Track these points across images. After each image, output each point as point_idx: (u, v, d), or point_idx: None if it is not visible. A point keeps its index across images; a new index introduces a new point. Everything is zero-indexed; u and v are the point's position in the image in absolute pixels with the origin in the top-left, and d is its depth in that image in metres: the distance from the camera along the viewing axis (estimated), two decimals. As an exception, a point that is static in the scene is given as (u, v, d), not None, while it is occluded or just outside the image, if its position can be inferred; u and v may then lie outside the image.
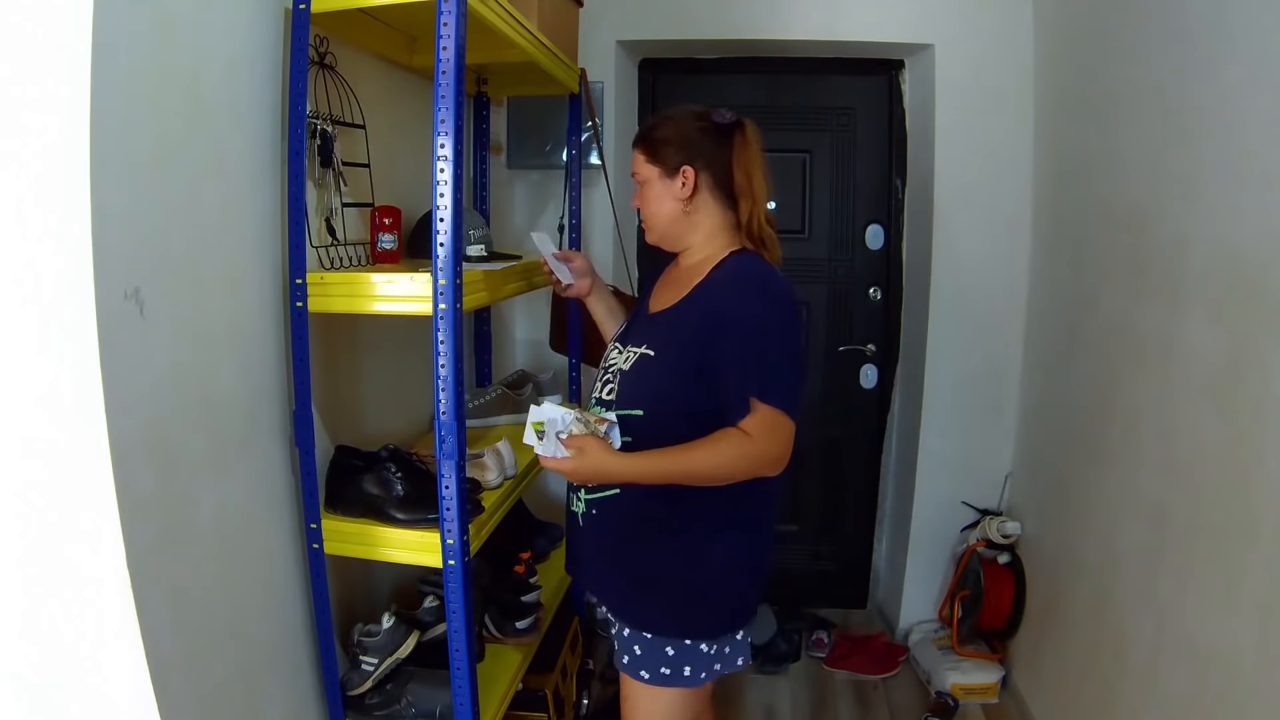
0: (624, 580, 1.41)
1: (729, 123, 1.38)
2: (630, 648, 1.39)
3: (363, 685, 1.52)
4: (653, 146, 1.40)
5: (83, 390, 1.01)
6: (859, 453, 2.88)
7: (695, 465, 1.27)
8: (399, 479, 1.46)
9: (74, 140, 0.98)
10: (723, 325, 1.28)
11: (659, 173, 1.39)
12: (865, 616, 2.93)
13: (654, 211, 1.42)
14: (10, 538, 1.06)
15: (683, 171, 1.37)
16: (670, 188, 1.38)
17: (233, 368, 1.31)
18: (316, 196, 1.48)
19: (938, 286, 2.50)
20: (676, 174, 1.38)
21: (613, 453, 1.30)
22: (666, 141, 1.39)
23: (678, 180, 1.38)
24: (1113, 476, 1.87)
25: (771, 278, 1.35)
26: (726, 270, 1.36)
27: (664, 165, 1.38)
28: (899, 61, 2.64)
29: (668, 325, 1.37)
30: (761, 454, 1.26)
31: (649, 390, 1.33)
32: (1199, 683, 1.49)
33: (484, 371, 2.30)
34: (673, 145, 1.38)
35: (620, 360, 1.39)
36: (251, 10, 1.33)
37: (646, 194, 1.42)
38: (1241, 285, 1.43)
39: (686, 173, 1.37)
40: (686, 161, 1.37)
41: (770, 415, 1.25)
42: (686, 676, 1.37)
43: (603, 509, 1.39)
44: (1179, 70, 1.63)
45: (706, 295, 1.34)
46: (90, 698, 1.10)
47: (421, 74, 1.86)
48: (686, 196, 1.38)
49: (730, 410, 1.27)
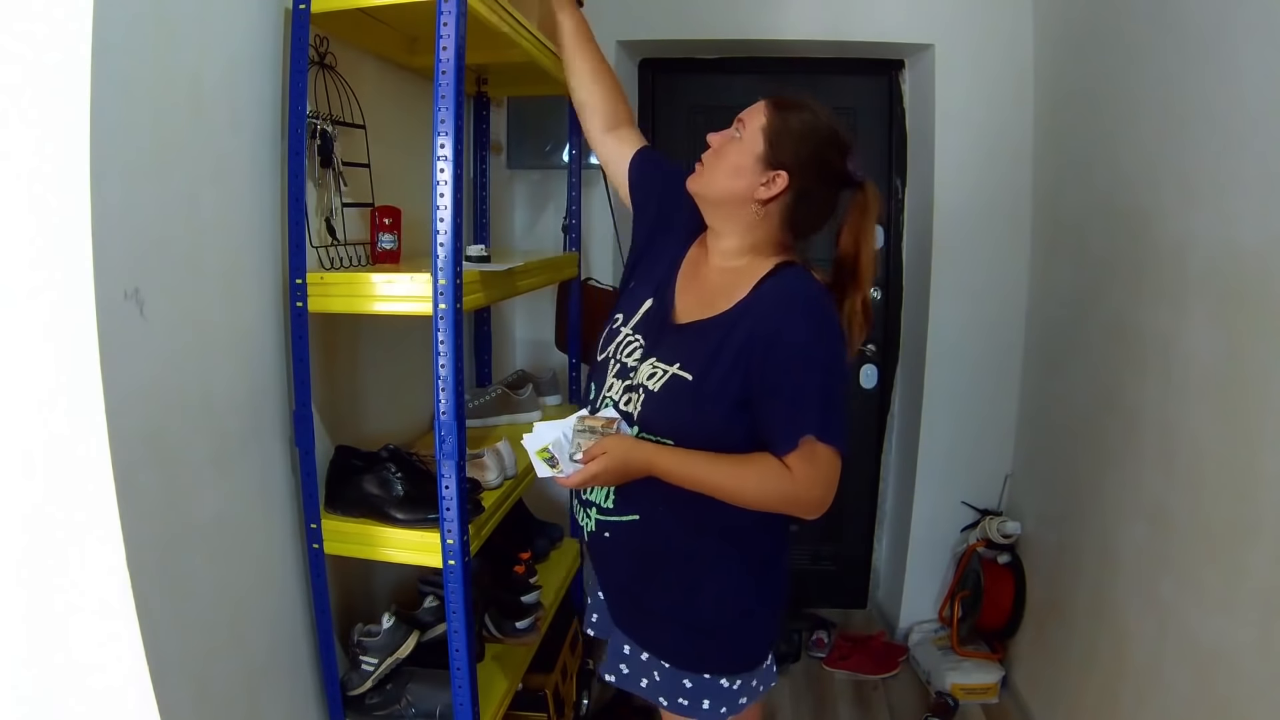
0: (636, 608, 1.33)
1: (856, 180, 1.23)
2: (650, 673, 1.32)
3: (363, 685, 1.52)
4: (780, 125, 1.20)
5: (83, 390, 1.00)
6: (859, 453, 2.88)
7: (729, 479, 1.16)
8: (399, 479, 1.45)
9: (74, 140, 0.97)
10: (776, 349, 1.15)
11: (761, 153, 1.20)
12: (865, 616, 2.93)
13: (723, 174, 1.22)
14: (10, 537, 1.06)
15: (778, 174, 1.20)
16: (756, 173, 1.20)
17: (233, 368, 1.31)
18: (316, 196, 1.48)
19: (938, 287, 2.50)
20: (771, 168, 1.20)
21: (639, 441, 1.19)
22: (794, 134, 1.20)
23: (768, 175, 1.20)
24: (1113, 476, 1.87)
25: (826, 303, 1.21)
26: (778, 287, 1.21)
27: (772, 150, 1.19)
28: (899, 61, 2.64)
29: (704, 343, 1.20)
30: (801, 494, 1.15)
31: (683, 419, 1.19)
32: (1199, 682, 1.49)
33: (484, 372, 2.29)
34: (795, 143, 1.19)
35: (644, 373, 1.22)
36: (251, 10, 1.33)
37: (729, 152, 1.22)
38: (1242, 285, 1.43)
39: (780, 179, 1.20)
40: (789, 167, 1.19)
41: (825, 455, 1.14)
42: (706, 710, 1.28)
43: (616, 534, 1.28)
44: (1179, 70, 1.63)
45: (755, 313, 1.19)
46: (90, 698, 1.09)
47: (421, 74, 1.86)
48: (762, 198, 1.21)
49: (774, 444, 1.16)
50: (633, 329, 1.30)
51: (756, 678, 1.33)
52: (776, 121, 1.21)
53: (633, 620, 1.34)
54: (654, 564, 1.27)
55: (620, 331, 1.31)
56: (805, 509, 1.18)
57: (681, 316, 1.27)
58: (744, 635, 1.30)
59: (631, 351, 1.27)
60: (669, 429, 1.19)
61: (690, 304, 1.27)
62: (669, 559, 1.26)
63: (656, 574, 1.28)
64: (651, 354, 1.24)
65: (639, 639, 1.33)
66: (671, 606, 1.28)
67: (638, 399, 1.22)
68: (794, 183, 1.20)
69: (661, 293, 1.31)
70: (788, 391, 1.15)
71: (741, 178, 1.21)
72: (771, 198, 1.21)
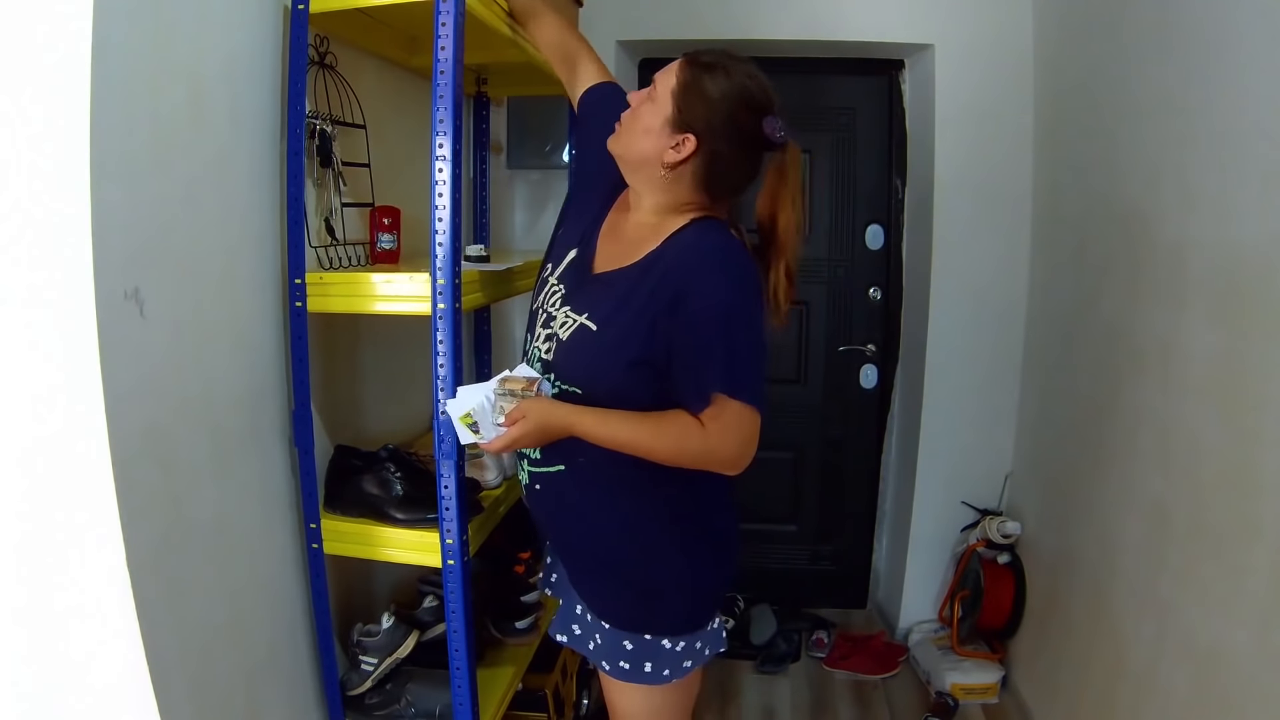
0: (575, 564, 1.32)
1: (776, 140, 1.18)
2: (592, 635, 1.31)
3: (362, 685, 1.52)
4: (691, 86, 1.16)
5: (83, 390, 1.01)
6: (859, 453, 2.88)
7: (646, 437, 1.15)
8: (398, 479, 1.46)
9: (74, 140, 0.98)
10: (684, 304, 1.13)
11: (670, 115, 1.17)
12: (865, 616, 2.93)
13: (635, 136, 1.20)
14: (11, 538, 1.06)
15: (685, 138, 1.16)
16: (665, 136, 1.17)
17: (232, 368, 1.31)
18: (316, 196, 1.48)
19: (938, 286, 2.50)
20: (678, 131, 1.17)
21: (556, 403, 1.19)
22: (705, 96, 1.16)
23: (676, 138, 1.17)
24: (1113, 476, 1.87)
25: (736, 254, 1.18)
26: (686, 241, 1.18)
27: (680, 113, 1.16)
28: (899, 61, 2.64)
29: (611, 295, 1.19)
30: (715, 450, 1.14)
31: (587, 369, 1.19)
32: (1199, 682, 1.49)
33: (484, 372, 2.29)
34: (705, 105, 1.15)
35: (559, 321, 1.22)
36: (251, 10, 1.33)
37: (642, 114, 1.19)
38: (1241, 285, 1.43)
39: (688, 142, 1.16)
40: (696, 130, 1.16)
41: (736, 412, 1.12)
42: (648, 673, 1.26)
43: (546, 485, 1.27)
44: (1179, 70, 1.63)
45: (661, 265, 1.17)
46: (90, 698, 1.10)
47: (421, 74, 1.86)
48: (670, 162, 1.18)
49: (687, 402, 1.15)
50: (557, 278, 1.29)
51: (700, 639, 1.29)
52: (688, 82, 1.16)
53: (575, 577, 1.33)
54: (581, 516, 1.27)
55: (548, 281, 1.30)
56: (722, 465, 1.17)
57: (599, 267, 1.26)
58: (682, 594, 1.27)
59: (554, 300, 1.26)
60: (576, 378, 1.20)
61: (608, 255, 1.26)
62: (596, 512, 1.26)
63: (585, 527, 1.27)
64: (567, 303, 1.24)
65: (582, 595, 1.32)
66: (604, 562, 1.28)
67: (553, 347, 1.22)
68: (703, 146, 1.16)
69: (585, 241, 1.29)
70: (696, 348, 1.14)
71: (651, 140, 1.18)
72: (679, 161, 1.17)
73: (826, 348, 2.81)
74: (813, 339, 2.81)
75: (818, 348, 2.82)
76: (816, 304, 2.79)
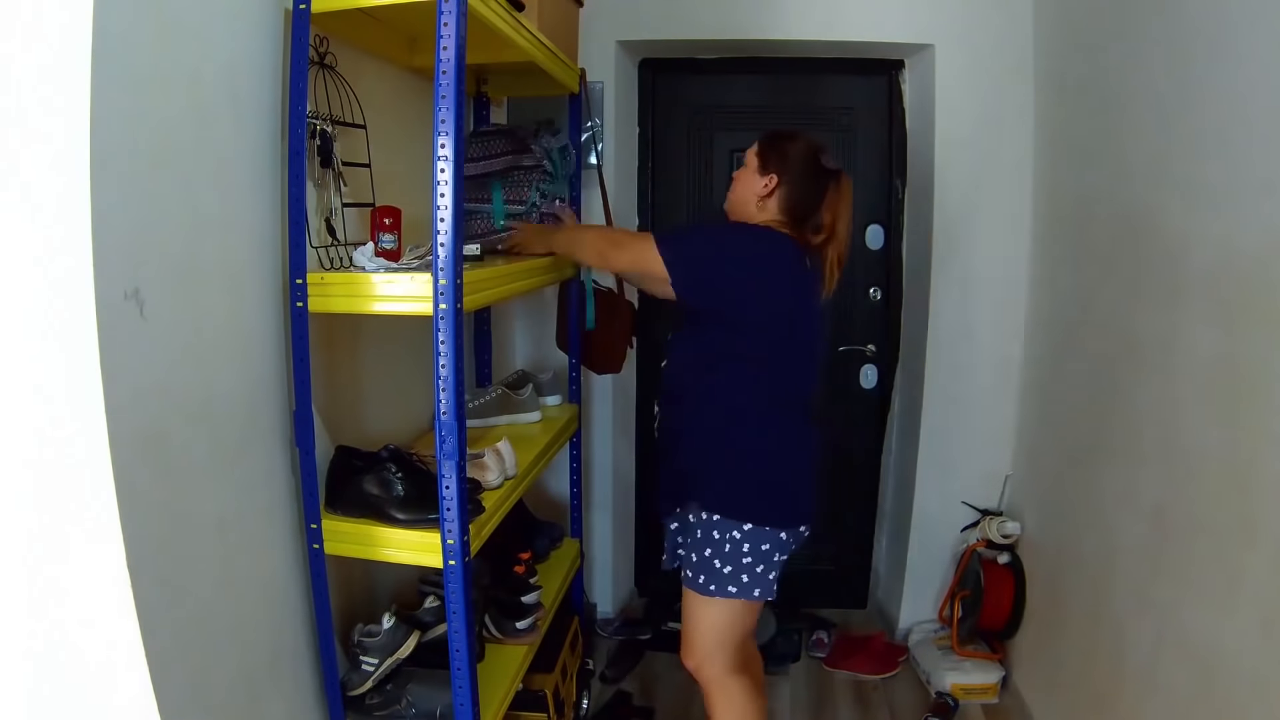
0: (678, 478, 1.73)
1: (829, 168, 1.70)
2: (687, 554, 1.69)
3: (363, 685, 1.52)
4: (768, 147, 1.72)
5: (83, 390, 1.00)
6: (859, 453, 2.88)
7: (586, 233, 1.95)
8: (399, 479, 1.45)
9: (74, 140, 0.97)
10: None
11: (757, 165, 1.71)
12: (865, 616, 2.93)
13: (735, 189, 1.76)
14: (11, 537, 1.06)
15: (769, 176, 1.70)
16: (753, 180, 1.72)
17: (233, 368, 1.31)
18: (316, 196, 1.48)
19: (938, 286, 2.50)
20: (765, 175, 1.70)
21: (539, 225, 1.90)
22: (777, 150, 1.71)
23: (763, 180, 1.70)
24: (1112, 476, 1.87)
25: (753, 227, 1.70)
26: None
27: (762, 162, 1.71)
28: (899, 61, 2.64)
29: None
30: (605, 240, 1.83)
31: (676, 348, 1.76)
32: (1199, 682, 1.49)
33: (484, 371, 2.29)
34: (778, 154, 1.70)
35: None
36: (251, 10, 1.33)
37: (742, 173, 1.75)
38: (1242, 285, 1.43)
39: (771, 180, 1.70)
40: (775, 171, 1.69)
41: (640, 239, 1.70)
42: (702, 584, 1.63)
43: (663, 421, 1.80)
44: (1179, 70, 1.63)
45: None
46: (90, 698, 1.09)
47: (421, 74, 1.86)
48: (763, 195, 1.70)
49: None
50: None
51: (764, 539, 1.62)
52: (767, 143, 1.73)
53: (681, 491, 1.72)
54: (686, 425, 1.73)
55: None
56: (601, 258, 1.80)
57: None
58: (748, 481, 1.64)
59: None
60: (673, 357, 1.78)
61: None
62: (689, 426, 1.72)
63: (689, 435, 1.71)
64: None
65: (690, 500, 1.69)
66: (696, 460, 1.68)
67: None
68: (781, 178, 1.69)
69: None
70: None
71: (749, 187, 1.73)
72: (769, 195, 1.70)
73: (827, 348, 2.81)
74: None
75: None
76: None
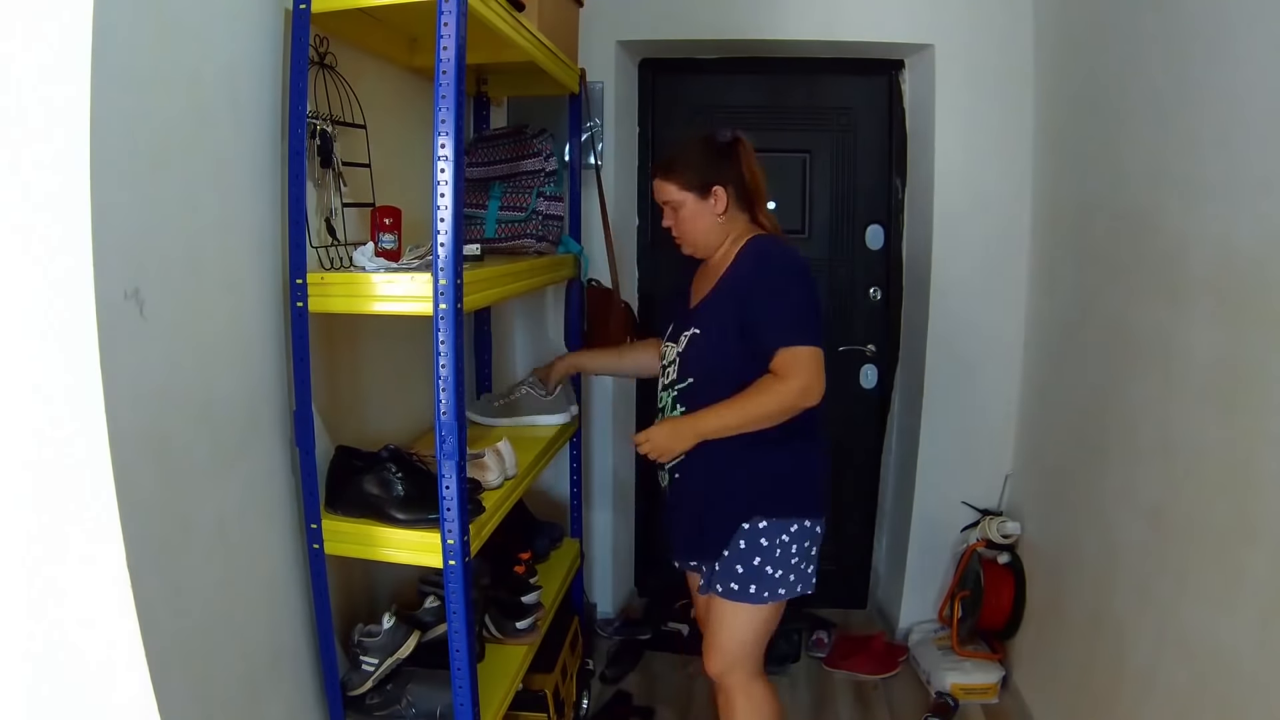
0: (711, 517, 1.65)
1: (730, 140, 1.64)
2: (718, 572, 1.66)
3: (363, 685, 1.52)
4: (682, 174, 1.63)
5: (83, 390, 1.00)
6: (859, 453, 2.88)
7: (747, 411, 1.54)
8: (399, 479, 1.45)
9: (74, 140, 0.97)
10: (752, 290, 1.56)
11: (694, 197, 1.63)
12: (865, 616, 2.93)
13: (693, 229, 1.66)
14: (11, 537, 1.06)
15: (714, 191, 1.63)
16: (705, 206, 1.64)
17: (233, 368, 1.31)
18: (316, 197, 1.48)
19: (938, 286, 2.50)
20: (709, 194, 1.63)
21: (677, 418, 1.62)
22: (691, 167, 1.63)
23: (710, 199, 1.63)
24: (1112, 476, 1.87)
25: (783, 249, 1.63)
26: (748, 252, 1.62)
27: (697, 190, 1.63)
28: (899, 61, 2.64)
29: (709, 309, 1.64)
30: (791, 388, 1.51)
31: (702, 362, 1.61)
32: (1199, 682, 1.49)
33: (484, 372, 2.29)
34: (697, 170, 1.63)
35: (674, 349, 1.67)
36: (251, 10, 1.33)
37: (682, 215, 1.66)
38: (1242, 284, 1.43)
39: (718, 192, 1.63)
40: (715, 182, 1.62)
41: (791, 353, 1.52)
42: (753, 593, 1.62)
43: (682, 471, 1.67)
44: (1179, 69, 1.63)
45: (737, 273, 1.61)
46: (90, 698, 1.09)
47: (421, 74, 1.86)
48: (722, 211, 1.64)
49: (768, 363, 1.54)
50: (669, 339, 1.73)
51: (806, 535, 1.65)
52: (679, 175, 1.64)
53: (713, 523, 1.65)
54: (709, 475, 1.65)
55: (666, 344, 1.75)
56: (801, 396, 1.53)
57: (694, 303, 1.70)
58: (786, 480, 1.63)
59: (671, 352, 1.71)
60: (692, 371, 1.63)
61: (699, 292, 1.70)
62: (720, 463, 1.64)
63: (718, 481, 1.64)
64: (678, 335, 1.68)
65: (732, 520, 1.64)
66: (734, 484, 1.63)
67: (675, 363, 1.67)
68: (724, 183, 1.64)
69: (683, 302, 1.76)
70: (766, 318, 1.55)
71: (704, 217, 1.66)
72: (726, 206, 1.65)
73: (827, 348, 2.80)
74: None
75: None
76: (816, 304, 2.79)
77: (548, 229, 1.95)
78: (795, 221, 2.75)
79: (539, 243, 1.92)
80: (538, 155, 1.94)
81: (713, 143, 1.65)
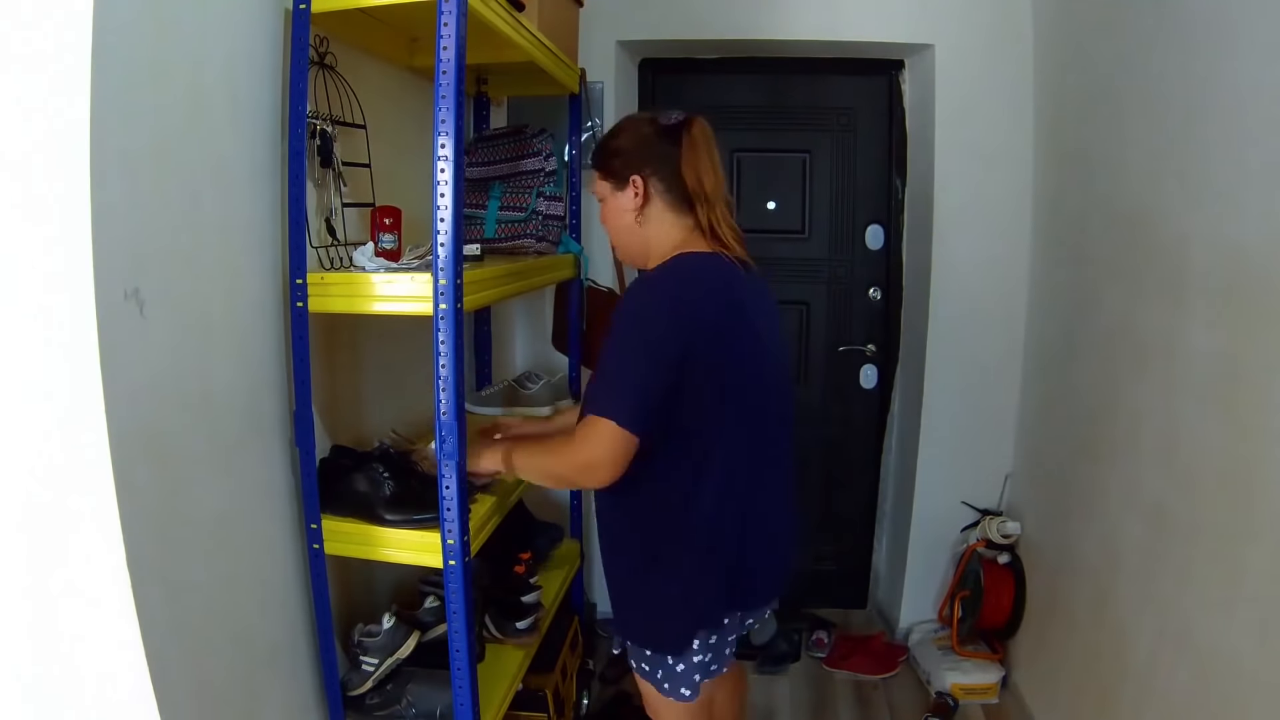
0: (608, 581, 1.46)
1: (675, 124, 1.32)
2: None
3: (363, 685, 1.52)
4: (605, 160, 1.35)
5: (82, 390, 1.00)
6: (859, 453, 2.88)
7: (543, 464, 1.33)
8: (387, 479, 1.45)
9: (74, 140, 0.97)
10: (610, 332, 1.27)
11: (611, 186, 1.35)
12: (865, 616, 2.93)
13: (612, 227, 1.39)
14: (11, 537, 1.06)
15: (632, 181, 1.33)
16: (622, 200, 1.34)
17: (233, 367, 1.31)
18: (316, 197, 1.48)
19: (938, 286, 2.50)
20: (627, 185, 1.33)
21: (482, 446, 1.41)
22: (616, 152, 1.34)
23: (629, 190, 1.33)
24: (1113, 476, 1.87)
25: (663, 279, 1.28)
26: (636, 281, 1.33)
27: (615, 178, 1.34)
28: (899, 61, 2.64)
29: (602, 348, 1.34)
30: (574, 460, 1.24)
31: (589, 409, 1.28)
32: (1199, 682, 1.49)
33: (484, 372, 2.29)
34: (621, 156, 1.34)
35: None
36: (251, 10, 1.33)
37: (605, 210, 1.38)
38: (1243, 285, 1.43)
39: (636, 182, 1.33)
40: (634, 170, 1.32)
41: (590, 422, 1.22)
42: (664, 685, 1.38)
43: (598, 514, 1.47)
44: (1180, 69, 1.63)
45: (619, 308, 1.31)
46: (90, 698, 1.09)
47: (421, 74, 1.86)
48: (638, 207, 1.33)
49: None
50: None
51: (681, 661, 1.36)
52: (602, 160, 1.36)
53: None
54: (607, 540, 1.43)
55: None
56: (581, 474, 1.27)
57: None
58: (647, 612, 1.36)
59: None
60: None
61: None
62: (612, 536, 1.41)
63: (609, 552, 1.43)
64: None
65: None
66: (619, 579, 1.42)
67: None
68: (644, 172, 1.32)
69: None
70: (600, 369, 1.27)
71: (620, 213, 1.36)
72: (645, 200, 1.33)
73: (826, 348, 2.81)
74: (813, 339, 2.81)
75: (818, 348, 2.82)
76: (816, 304, 2.79)
77: (548, 229, 1.94)
78: (795, 221, 2.75)
79: (539, 243, 1.92)
80: (538, 155, 1.93)
81: (653, 124, 1.33)
